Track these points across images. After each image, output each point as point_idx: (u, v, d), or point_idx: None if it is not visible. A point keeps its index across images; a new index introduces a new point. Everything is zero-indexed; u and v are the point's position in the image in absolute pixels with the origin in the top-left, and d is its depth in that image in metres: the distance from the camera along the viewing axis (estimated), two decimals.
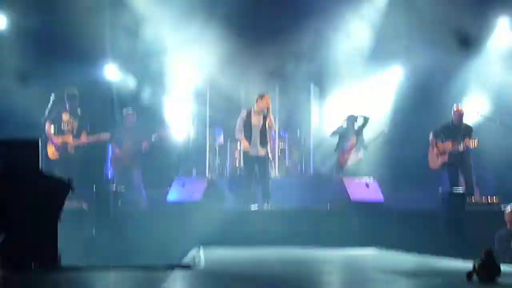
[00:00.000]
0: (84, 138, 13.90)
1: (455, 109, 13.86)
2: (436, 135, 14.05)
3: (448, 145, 13.82)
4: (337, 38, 15.74)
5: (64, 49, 15.15)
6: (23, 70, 14.70)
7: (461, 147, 13.56)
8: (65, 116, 13.90)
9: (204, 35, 15.02)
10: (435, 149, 14.03)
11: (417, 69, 15.75)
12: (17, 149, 7.55)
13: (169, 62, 15.38)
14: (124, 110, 15.05)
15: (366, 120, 14.89)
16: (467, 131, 13.78)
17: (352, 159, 14.91)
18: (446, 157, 13.86)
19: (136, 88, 15.88)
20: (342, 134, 15.06)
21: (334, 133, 15.24)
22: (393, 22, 15.54)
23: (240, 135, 13.94)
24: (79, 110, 13.96)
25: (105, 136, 14.09)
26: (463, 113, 13.89)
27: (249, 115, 13.85)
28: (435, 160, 14.06)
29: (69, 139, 13.79)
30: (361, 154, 14.92)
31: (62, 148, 13.72)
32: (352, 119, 15.02)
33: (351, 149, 14.90)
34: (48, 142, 13.69)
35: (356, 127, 14.95)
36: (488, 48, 15.61)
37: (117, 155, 14.86)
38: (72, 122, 13.91)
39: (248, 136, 13.75)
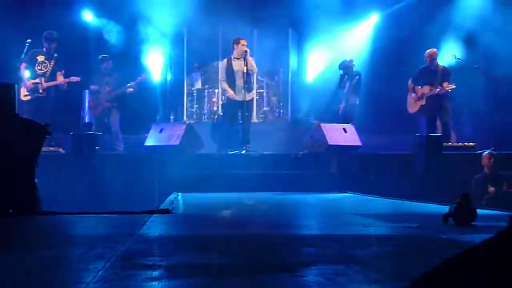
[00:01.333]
0: (60, 79, 13.77)
1: (426, 52, 13.88)
2: (414, 80, 14.08)
3: (425, 89, 13.85)
4: None
5: None
6: None
7: (438, 90, 13.59)
8: (41, 58, 13.75)
9: None
10: (413, 94, 14.07)
11: (394, 14, 15.69)
12: None
13: (146, 5, 15.14)
14: (101, 56, 14.92)
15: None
16: (445, 74, 13.79)
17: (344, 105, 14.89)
18: (423, 101, 13.89)
19: (112, 32, 15.67)
20: (341, 82, 14.96)
21: (340, 85, 15.07)
22: None
23: (224, 84, 14.04)
24: (55, 54, 13.81)
25: (75, 79, 13.93)
26: (435, 55, 13.89)
27: (229, 61, 13.91)
28: (413, 105, 14.11)
29: (42, 80, 13.65)
30: (355, 101, 14.84)
31: (33, 90, 13.58)
32: (346, 65, 14.88)
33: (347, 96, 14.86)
34: (21, 84, 13.54)
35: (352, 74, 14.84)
36: None
37: (95, 100, 14.77)
38: (47, 64, 13.74)
39: (232, 83, 13.79)
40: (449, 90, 13.54)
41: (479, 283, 2.37)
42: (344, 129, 13.29)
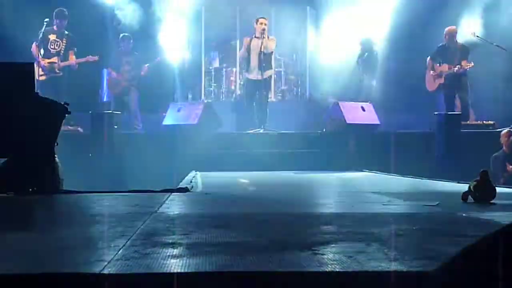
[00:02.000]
0: (72, 59, 13.77)
1: (445, 30, 13.80)
2: (433, 58, 14.03)
3: (444, 68, 13.79)
4: None
5: None
6: None
7: (456, 69, 13.51)
8: (52, 37, 13.74)
9: None
10: (431, 71, 14.00)
11: None
12: (12, 73, 7.49)
13: None
14: (122, 35, 14.92)
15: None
16: (464, 52, 13.73)
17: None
18: (442, 79, 13.83)
19: (129, 11, 15.64)
20: (361, 61, 14.89)
21: (358, 63, 15.01)
22: None
23: (242, 60, 14.12)
24: (66, 31, 13.78)
25: (93, 58, 13.94)
26: (454, 33, 13.83)
27: (250, 40, 13.96)
28: (431, 83, 14.05)
29: (56, 60, 13.65)
30: (373, 81, 14.80)
31: (49, 69, 13.57)
32: (369, 42, 14.82)
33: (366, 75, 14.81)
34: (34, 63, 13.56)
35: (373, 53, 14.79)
36: None
37: (115, 79, 14.80)
38: (60, 42, 13.73)
39: (248, 61, 13.82)
40: (468, 69, 13.45)
41: None
42: (362, 107, 13.25)
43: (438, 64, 13.95)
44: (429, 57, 14.09)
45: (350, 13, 15.87)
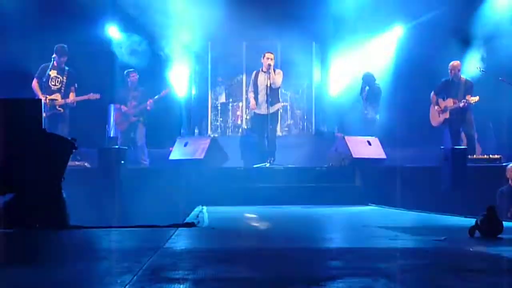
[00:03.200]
0: (72, 96, 13.77)
1: (450, 65, 13.85)
2: (437, 93, 14.05)
3: (449, 102, 13.80)
4: None
5: (65, 7, 15.03)
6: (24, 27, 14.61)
7: (462, 104, 13.53)
8: (53, 73, 13.70)
9: None
10: (436, 106, 14.02)
11: (417, 26, 15.61)
12: (20, 108, 7.51)
13: (170, 20, 15.19)
14: (126, 70, 15.00)
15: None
16: (468, 87, 13.74)
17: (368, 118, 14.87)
18: (447, 114, 13.83)
19: (137, 47, 15.73)
20: (363, 94, 14.94)
21: (361, 96, 15.06)
22: None
23: (250, 94, 14.18)
24: (66, 67, 13.79)
25: (95, 96, 13.94)
26: (459, 67, 13.86)
27: (257, 74, 14.05)
28: (436, 117, 14.06)
29: (58, 97, 13.65)
30: (375, 115, 14.83)
31: (50, 106, 13.55)
32: (370, 76, 14.87)
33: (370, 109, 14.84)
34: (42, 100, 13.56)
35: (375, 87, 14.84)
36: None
37: (121, 114, 14.84)
38: (60, 79, 13.72)
39: (256, 95, 13.93)
40: (473, 103, 13.47)
41: None
42: (368, 141, 13.25)
43: (442, 99, 13.96)
44: (432, 92, 14.12)
45: (355, 48, 15.96)
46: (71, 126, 13.56)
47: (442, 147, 12.80)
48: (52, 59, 13.53)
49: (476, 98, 13.41)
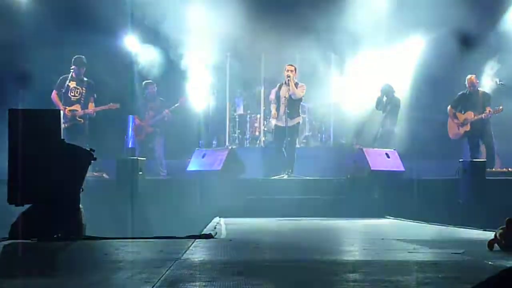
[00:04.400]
0: (91, 107, 13.85)
1: (467, 78, 13.86)
2: (453, 106, 14.05)
3: (469, 115, 13.78)
4: (356, 7, 15.52)
5: (85, 19, 15.12)
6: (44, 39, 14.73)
7: (484, 115, 13.51)
8: (72, 84, 13.79)
9: (223, 6, 14.91)
10: (454, 120, 13.99)
11: (437, 39, 15.55)
12: (39, 119, 7.57)
13: (189, 32, 15.23)
14: (145, 82, 15.08)
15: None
16: (486, 99, 13.77)
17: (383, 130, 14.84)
18: (468, 127, 13.82)
19: (155, 59, 15.79)
20: (381, 107, 14.92)
21: (378, 106, 15.05)
22: None
23: (272, 106, 14.31)
24: (85, 78, 13.86)
25: (114, 106, 14.00)
26: (475, 81, 13.87)
27: (280, 86, 14.15)
28: (455, 130, 14.05)
29: (78, 107, 13.73)
30: (393, 127, 14.79)
31: (70, 117, 13.62)
32: (389, 88, 14.85)
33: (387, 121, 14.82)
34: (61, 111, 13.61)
35: (393, 99, 14.82)
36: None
37: (139, 125, 14.92)
38: (80, 90, 13.80)
39: (277, 108, 14.05)
40: (496, 114, 13.45)
41: None
42: (387, 154, 13.22)
43: (460, 112, 13.95)
44: (449, 106, 14.12)
45: (374, 60, 15.92)
46: (91, 137, 13.62)
47: (460, 159, 12.75)
48: (71, 71, 13.60)
49: (500, 108, 13.41)
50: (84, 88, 13.79)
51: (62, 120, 13.26)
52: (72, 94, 13.73)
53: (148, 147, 14.86)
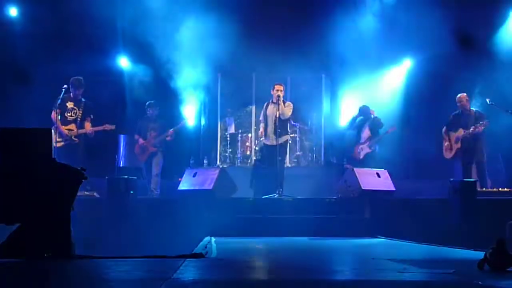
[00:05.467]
0: (88, 127, 13.86)
1: (457, 97, 13.92)
2: (448, 127, 14.08)
3: (460, 132, 13.81)
4: (347, 29, 15.57)
5: (76, 39, 15.17)
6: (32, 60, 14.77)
7: (471, 129, 13.53)
8: (70, 104, 13.84)
9: (215, 24, 14.95)
10: (447, 140, 14.03)
11: (427, 60, 15.63)
12: (30, 138, 7.55)
13: (180, 51, 15.26)
14: (148, 102, 15.11)
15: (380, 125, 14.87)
16: (477, 117, 13.79)
17: (365, 151, 14.87)
18: (459, 144, 13.85)
19: (147, 78, 15.83)
20: (355, 125, 15.03)
21: (349, 124, 15.18)
22: (402, 14, 15.36)
23: (260, 125, 14.35)
24: (82, 99, 13.89)
25: (110, 127, 14.00)
26: (466, 99, 13.91)
27: (267, 105, 14.19)
28: (449, 151, 14.07)
29: (74, 127, 13.75)
30: (374, 147, 14.85)
31: (67, 136, 13.66)
32: (366, 109, 14.97)
33: (365, 141, 14.86)
34: (52, 129, 13.62)
35: (370, 119, 14.88)
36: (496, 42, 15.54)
37: (143, 145, 14.94)
38: (76, 110, 13.83)
39: (265, 126, 14.08)
40: (483, 128, 13.48)
41: None
42: (377, 173, 13.20)
43: (454, 132, 13.98)
44: (444, 127, 14.14)
45: (364, 80, 16.00)
46: (85, 156, 13.61)
47: (451, 179, 12.76)
48: (63, 90, 13.57)
49: (485, 122, 13.44)
50: (81, 109, 13.82)
51: (59, 139, 13.46)
52: (69, 114, 13.77)
53: (146, 167, 14.86)
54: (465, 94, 13.98)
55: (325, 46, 15.54)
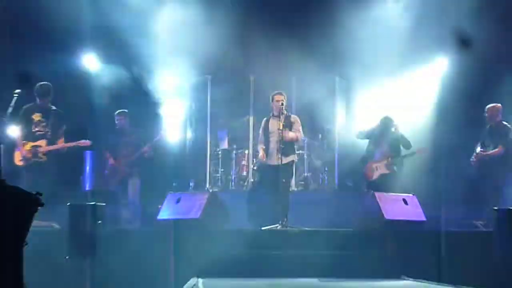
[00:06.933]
0: (60, 143, 13.74)
1: (487, 108, 14.00)
2: (479, 143, 14.13)
3: (477, 151, 13.90)
4: (367, 20, 15.52)
5: (32, 34, 15.15)
6: None
7: (488, 153, 13.65)
8: (36, 117, 13.72)
9: (203, 16, 14.90)
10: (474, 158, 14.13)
11: (465, 61, 15.58)
12: None
13: (162, 49, 15.22)
14: (117, 112, 15.04)
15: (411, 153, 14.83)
16: (502, 133, 13.85)
17: (380, 171, 14.77)
18: (477, 164, 13.95)
19: (120, 82, 15.78)
20: (373, 139, 14.93)
21: (362, 134, 15.11)
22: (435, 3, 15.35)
23: (260, 144, 14.30)
24: (53, 107, 13.79)
25: (85, 143, 13.90)
26: (495, 111, 13.97)
27: (267, 121, 14.16)
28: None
29: (43, 143, 13.62)
30: (392, 167, 14.76)
31: (32, 154, 13.52)
32: (387, 122, 14.85)
33: (383, 160, 14.77)
34: (15, 147, 13.53)
35: (391, 134, 14.79)
36: None
37: (114, 165, 14.85)
38: (46, 123, 13.72)
39: (266, 145, 14.03)
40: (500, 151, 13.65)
41: None
42: (404, 200, 13.10)
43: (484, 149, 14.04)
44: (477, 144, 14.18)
45: (387, 85, 15.93)
46: (54, 179, 13.49)
47: (495, 207, 12.68)
48: (15, 97, 13.39)
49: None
50: (50, 120, 13.69)
51: (20, 157, 13.33)
52: (37, 128, 13.64)
53: (119, 191, 14.78)
54: (498, 105, 14.03)
55: (340, 41, 15.42)
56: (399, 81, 15.98)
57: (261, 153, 14.06)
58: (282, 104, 13.69)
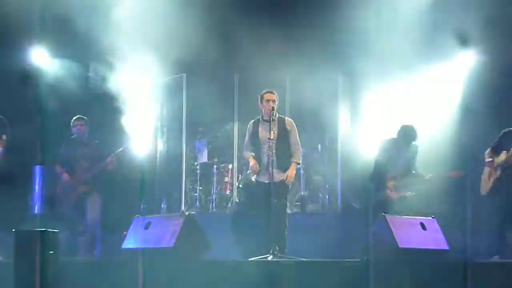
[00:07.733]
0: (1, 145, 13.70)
1: None
2: (493, 148, 14.21)
3: (501, 156, 13.84)
4: (375, 8, 15.45)
5: None
6: None
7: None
8: None
9: (177, 5, 14.82)
10: (489, 167, 14.04)
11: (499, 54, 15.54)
12: None
13: (126, 42, 15.12)
14: (74, 118, 14.99)
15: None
16: None
17: (400, 193, 14.67)
18: (498, 173, 13.85)
19: (76, 81, 15.72)
20: (387, 153, 14.77)
21: (383, 156, 14.92)
22: None
23: (247, 153, 14.11)
24: None
25: None
26: None
27: (255, 125, 13.97)
28: (486, 182, 14.07)
29: None
30: (413, 188, 14.67)
31: None
32: (407, 131, 14.71)
33: (400, 178, 14.67)
34: None
35: (411, 147, 14.69)
36: None
37: (69, 182, 14.75)
38: None
39: (256, 156, 13.88)
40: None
41: None
42: (421, 223, 13.00)
43: (496, 155, 13.99)
44: (489, 149, 14.11)
45: (400, 84, 15.85)
46: None
47: None
48: None
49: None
50: None
51: None
52: None
53: (74, 213, 14.72)
54: None
55: (343, 32, 15.34)
56: (416, 78, 15.86)
57: (251, 162, 13.80)
58: (273, 107, 13.50)
